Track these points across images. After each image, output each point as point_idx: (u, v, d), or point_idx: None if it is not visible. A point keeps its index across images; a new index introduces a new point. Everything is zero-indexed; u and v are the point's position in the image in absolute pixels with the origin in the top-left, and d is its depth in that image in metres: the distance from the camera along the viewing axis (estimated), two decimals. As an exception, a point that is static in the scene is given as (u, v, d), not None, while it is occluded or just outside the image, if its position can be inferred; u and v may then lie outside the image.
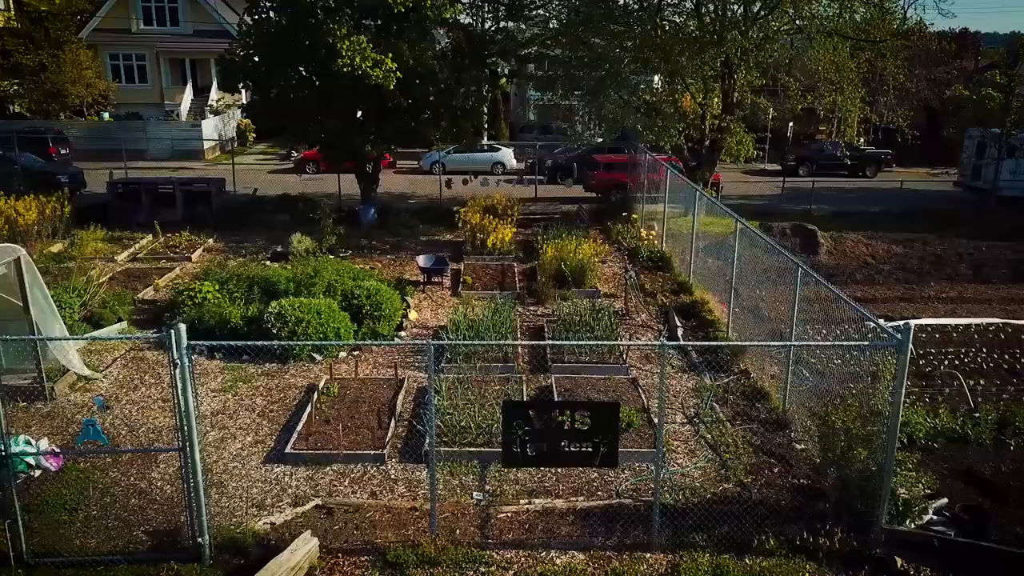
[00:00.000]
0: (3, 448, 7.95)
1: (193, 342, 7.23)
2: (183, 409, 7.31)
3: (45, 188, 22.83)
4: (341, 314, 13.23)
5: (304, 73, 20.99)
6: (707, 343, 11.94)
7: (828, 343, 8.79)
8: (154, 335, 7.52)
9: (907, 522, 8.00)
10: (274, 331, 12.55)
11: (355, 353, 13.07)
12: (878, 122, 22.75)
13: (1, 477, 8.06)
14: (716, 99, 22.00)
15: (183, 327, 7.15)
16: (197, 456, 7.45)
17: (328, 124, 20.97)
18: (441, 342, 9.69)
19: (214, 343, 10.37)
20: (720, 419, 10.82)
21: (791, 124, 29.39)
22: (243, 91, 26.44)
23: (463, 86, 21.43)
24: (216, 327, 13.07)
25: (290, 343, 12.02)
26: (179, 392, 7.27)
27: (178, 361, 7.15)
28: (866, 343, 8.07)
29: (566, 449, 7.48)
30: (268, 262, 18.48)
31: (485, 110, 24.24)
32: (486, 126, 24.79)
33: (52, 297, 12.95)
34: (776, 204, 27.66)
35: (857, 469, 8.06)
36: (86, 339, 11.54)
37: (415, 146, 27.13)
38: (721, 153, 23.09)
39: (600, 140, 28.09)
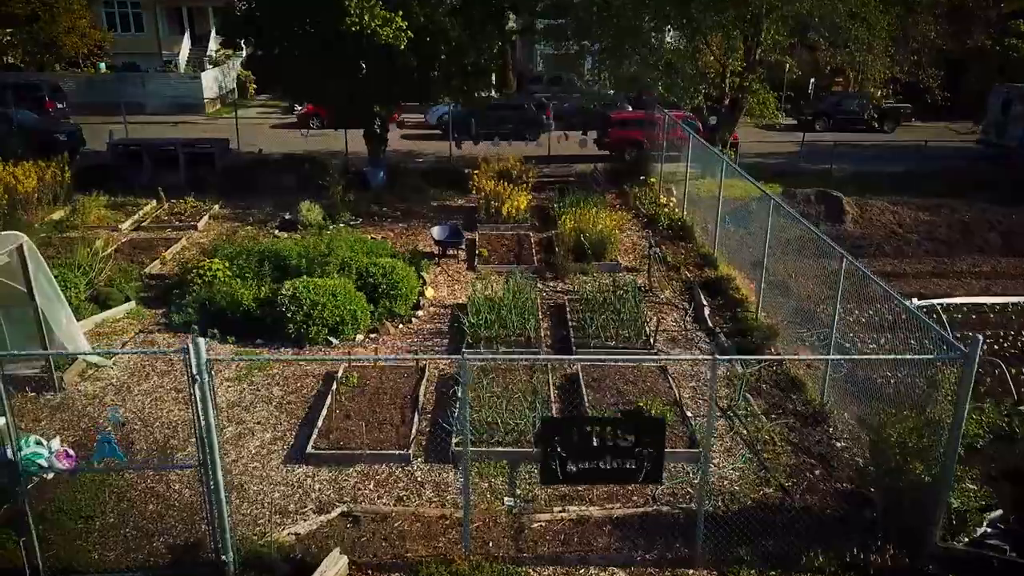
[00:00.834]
0: (15, 457, 7.56)
1: (213, 357, 6.76)
2: (203, 426, 6.90)
3: (43, 149, 22.17)
4: (357, 295, 12.75)
5: (309, 30, 20.09)
6: (760, 357, 11.33)
7: (887, 357, 8.26)
8: (174, 351, 7.03)
9: (961, 536, 7.65)
10: (288, 314, 12.09)
11: (372, 335, 12.65)
12: (904, 79, 21.85)
13: (13, 485, 7.69)
14: (739, 56, 21.10)
15: (202, 341, 6.69)
16: (220, 474, 7.06)
17: (335, 85, 20.15)
18: (476, 357, 9.23)
19: (235, 358, 9.98)
20: (755, 412, 10.43)
21: (812, 80, 28.45)
22: (244, 46, 25.47)
23: (474, 43, 20.53)
24: (228, 309, 12.61)
25: (322, 359, 11.31)
26: (199, 409, 6.84)
27: (198, 377, 6.70)
28: (930, 356, 7.56)
29: (607, 466, 7.08)
30: (277, 231, 17.96)
31: (496, 66, 23.28)
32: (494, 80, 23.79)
33: (57, 277, 12.51)
34: (794, 163, 26.92)
35: (910, 481, 7.68)
36: (103, 354, 11.02)
37: (423, 102, 26.31)
38: (742, 113, 22.31)
39: (612, 92, 27.25)
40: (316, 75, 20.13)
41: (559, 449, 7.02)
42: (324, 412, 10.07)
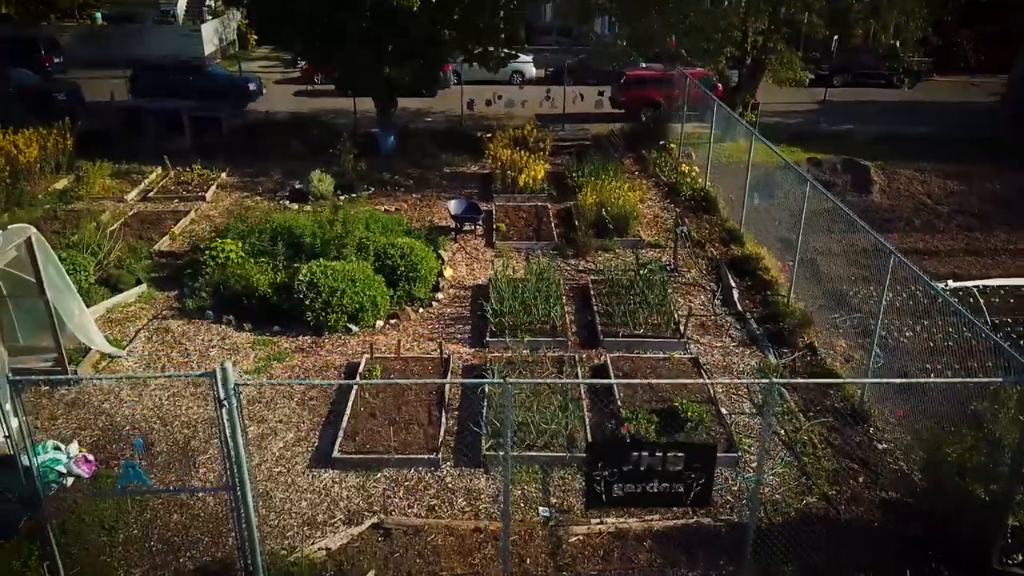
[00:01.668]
0: (32, 464, 7.20)
1: (240, 382, 6.39)
2: (232, 450, 6.57)
3: (43, 111, 21.52)
4: (376, 279, 12.33)
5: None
6: (817, 380, 10.48)
7: (952, 380, 7.76)
8: (200, 374, 6.65)
9: (1017, 555, 7.38)
10: (307, 301, 11.69)
11: (392, 321, 12.28)
12: (936, 42, 21.02)
13: (32, 495, 7.40)
14: (763, 15, 20.21)
15: (230, 366, 6.30)
16: (250, 498, 6.75)
17: (340, 48, 19.32)
18: (519, 381, 8.82)
19: (266, 381, 9.63)
20: (792, 410, 10.11)
21: (835, 37, 27.50)
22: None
23: (489, 3, 19.65)
24: (243, 294, 12.21)
25: (359, 383, 10.53)
26: (227, 434, 6.50)
27: (226, 403, 6.34)
28: (998, 380, 7.16)
29: (654, 490, 6.77)
30: (288, 202, 17.45)
31: (511, 25, 22.27)
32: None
33: (65, 260, 12.22)
34: (813, 122, 26.18)
35: (966, 500, 7.38)
36: (138, 379, 10.28)
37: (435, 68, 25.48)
38: (764, 74, 21.56)
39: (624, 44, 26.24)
40: (320, 37, 19.31)
41: (605, 474, 6.70)
42: (348, 410, 9.75)
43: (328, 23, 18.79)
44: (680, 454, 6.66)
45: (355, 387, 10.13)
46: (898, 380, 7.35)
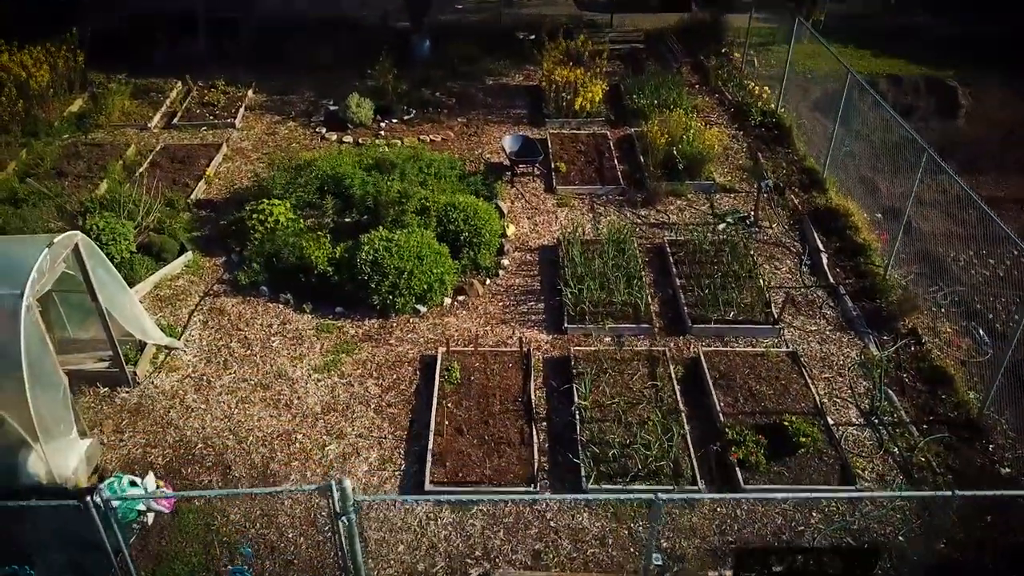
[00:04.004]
0: (105, 506, 6.58)
1: (361, 499, 5.72)
2: (350, 560, 6.03)
3: (41, 5, 19.64)
4: (442, 251, 11.39)
5: None
6: (998, 492, 8.05)
7: None
8: (313, 488, 5.95)
9: None
10: (372, 284, 10.82)
11: (460, 299, 11.44)
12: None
13: (114, 542, 6.92)
14: None
15: (348, 482, 5.61)
16: (367, 598, 6.28)
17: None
18: (668, 498, 8.01)
19: (383, 497, 8.55)
20: (903, 420, 9.47)
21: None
22: None
23: None
24: (298, 270, 11.33)
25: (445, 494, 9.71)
26: (344, 545, 5.92)
27: (344, 519, 5.71)
28: None
29: (805, 589, 6.26)
30: (325, 131, 16.10)
31: None
32: None
33: (104, 231, 11.36)
34: (880, 14, 23.89)
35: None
36: (241, 494, 8.46)
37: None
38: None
39: None
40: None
41: (752, 573, 6.17)
42: (432, 425, 9.13)
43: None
44: (838, 558, 6.10)
45: (435, 394, 9.51)
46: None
